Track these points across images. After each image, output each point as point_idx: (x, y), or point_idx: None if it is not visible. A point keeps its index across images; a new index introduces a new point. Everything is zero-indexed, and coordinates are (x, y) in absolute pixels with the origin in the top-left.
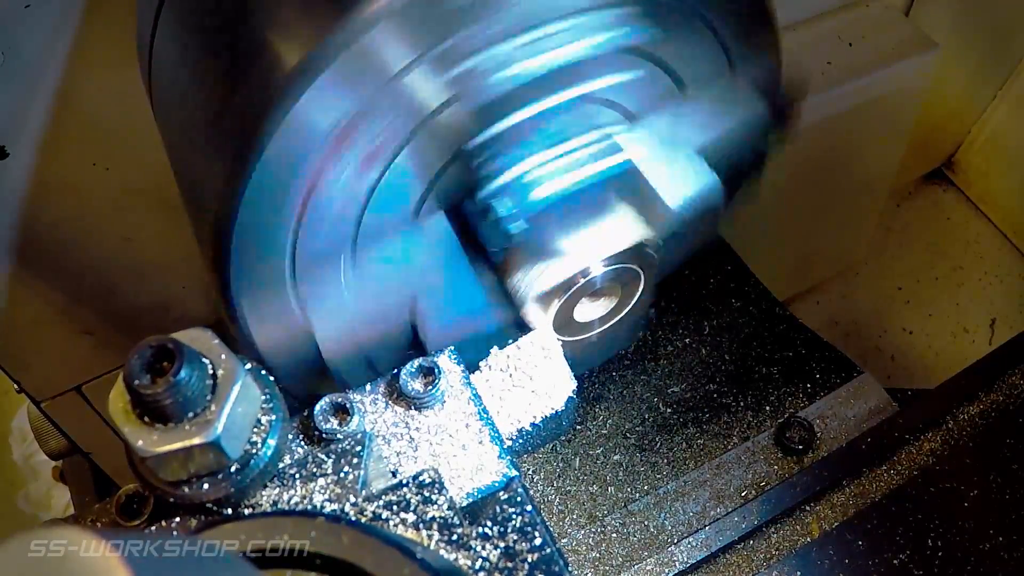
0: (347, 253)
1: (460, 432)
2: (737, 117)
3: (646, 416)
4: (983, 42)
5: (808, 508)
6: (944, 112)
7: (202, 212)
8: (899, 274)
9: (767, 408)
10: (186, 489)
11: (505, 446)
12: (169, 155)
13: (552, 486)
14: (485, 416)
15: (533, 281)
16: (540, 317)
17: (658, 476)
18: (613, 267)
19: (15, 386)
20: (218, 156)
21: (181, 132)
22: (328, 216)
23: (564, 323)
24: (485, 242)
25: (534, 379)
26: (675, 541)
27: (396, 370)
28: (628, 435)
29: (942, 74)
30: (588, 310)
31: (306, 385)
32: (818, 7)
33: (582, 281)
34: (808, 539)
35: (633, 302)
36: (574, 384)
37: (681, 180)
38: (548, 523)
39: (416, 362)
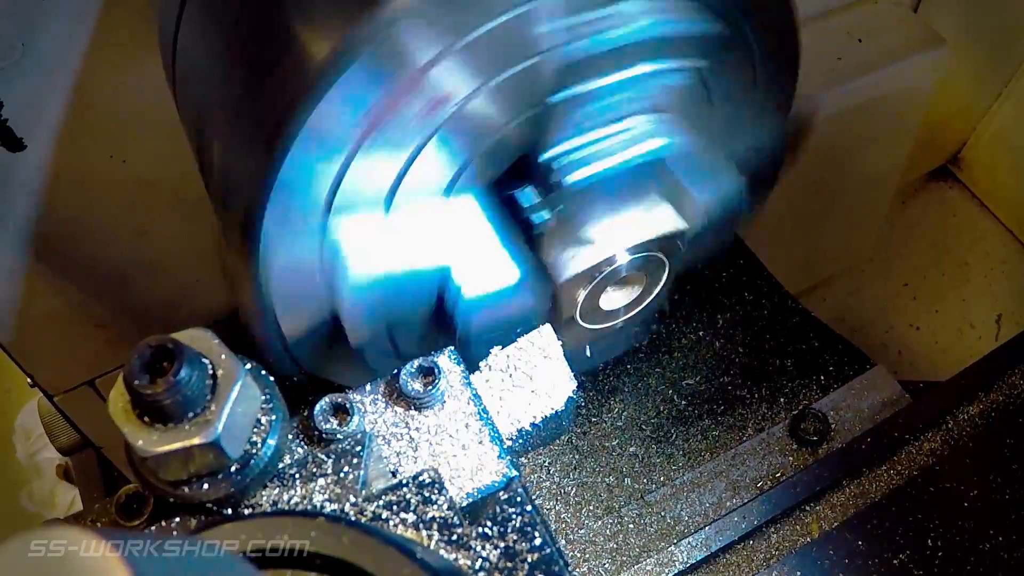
0: (379, 221)
1: (460, 432)
2: (752, 134)
3: (661, 408)
4: (990, 39)
5: (808, 508)
6: (950, 109)
7: (231, 193)
8: (905, 270)
9: (781, 400)
10: (186, 489)
11: (505, 446)
12: (193, 140)
13: (569, 477)
14: (485, 416)
15: (566, 263)
16: (570, 300)
17: (674, 467)
18: (643, 255)
19: (28, 381)
20: (249, 144)
21: (209, 120)
22: (361, 194)
23: (590, 310)
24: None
25: (534, 379)
26: (692, 531)
27: (396, 370)
28: (644, 427)
29: (949, 71)
30: (613, 298)
31: (317, 360)
32: (828, 3)
33: (608, 269)
34: (808, 539)
35: (655, 293)
36: (574, 384)
37: (710, 180)
38: (566, 514)
39: (416, 362)
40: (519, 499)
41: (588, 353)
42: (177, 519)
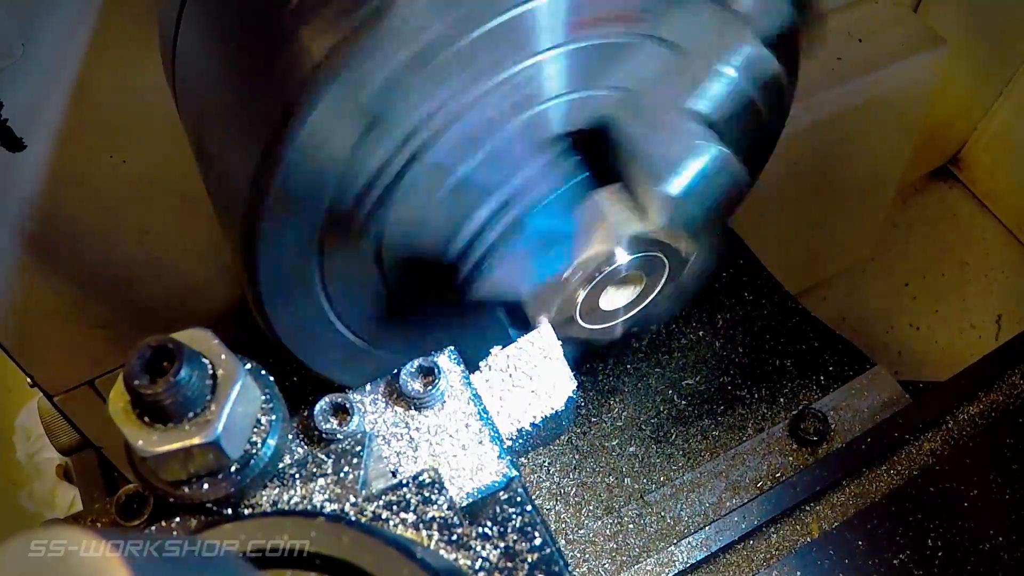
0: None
1: (460, 432)
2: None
3: (661, 408)
4: (990, 39)
5: (808, 508)
6: (951, 109)
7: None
8: (906, 270)
9: (781, 400)
10: (186, 489)
11: (505, 446)
12: (193, 139)
13: (569, 477)
14: (485, 416)
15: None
16: (570, 299)
17: (674, 467)
18: (644, 254)
19: (28, 381)
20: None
21: (213, 114)
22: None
23: (590, 310)
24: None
25: (534, 379)
26: (692, 531)
27: (396, 370)
28: (643, 427)
29: (949, 71)
30: (613, 298)
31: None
32: (828, 3)
33: (609, 268)
34: (808, 539)
35: (651, 297)
36: (574, 384)
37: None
38: (565, 514)
39: (416, 362)
40: (519, 499)
41: None
42: (177, 519)
